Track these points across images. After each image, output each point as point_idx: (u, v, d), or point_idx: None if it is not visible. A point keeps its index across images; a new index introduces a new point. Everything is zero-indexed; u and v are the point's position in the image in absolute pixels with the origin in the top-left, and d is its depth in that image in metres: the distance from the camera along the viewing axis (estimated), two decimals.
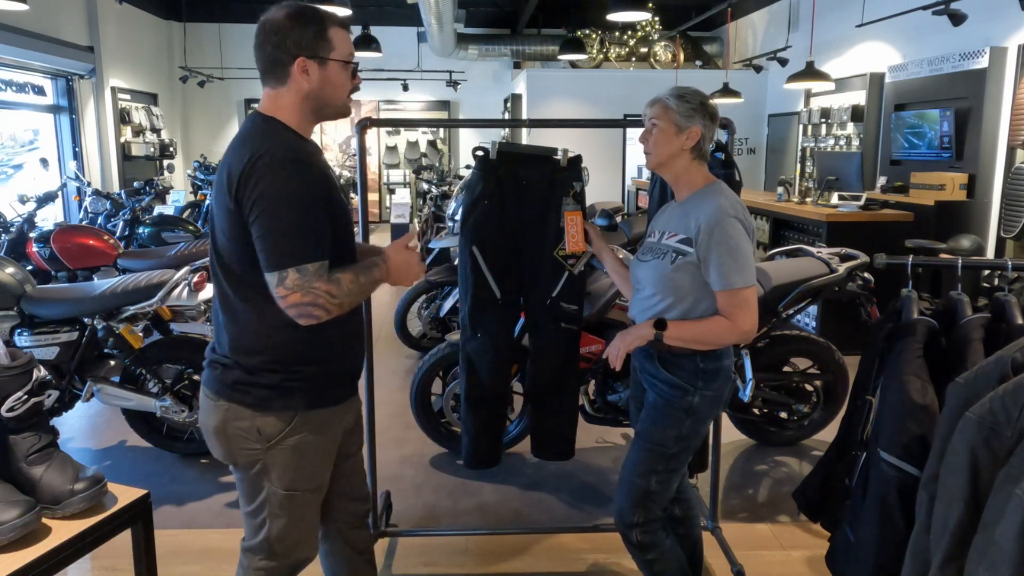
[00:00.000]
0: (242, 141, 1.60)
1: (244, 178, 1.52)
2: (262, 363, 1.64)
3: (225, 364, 1.67)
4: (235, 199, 1.54)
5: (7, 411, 1.60)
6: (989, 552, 1.26)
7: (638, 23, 10.90)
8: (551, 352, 2.71)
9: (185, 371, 3.50)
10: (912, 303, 1.93)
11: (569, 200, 2.46)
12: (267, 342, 1.63)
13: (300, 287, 1.52)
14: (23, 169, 8.43)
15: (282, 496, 1.70)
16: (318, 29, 1.60)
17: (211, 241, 1.66)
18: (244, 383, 1.65)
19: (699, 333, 1.92)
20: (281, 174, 1.52)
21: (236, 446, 1.67)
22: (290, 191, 1.52)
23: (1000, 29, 5.77)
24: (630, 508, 2.05)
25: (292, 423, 1.66)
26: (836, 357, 3.61)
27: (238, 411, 1.65)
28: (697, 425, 2.03)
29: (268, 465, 1.68)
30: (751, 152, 10.18)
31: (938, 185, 5.80)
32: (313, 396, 1.69)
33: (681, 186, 2.02)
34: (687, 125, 1.93)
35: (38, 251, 4.85)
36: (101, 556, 2.64)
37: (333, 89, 1.65)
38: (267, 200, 1.51)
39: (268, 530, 1.73)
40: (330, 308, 1.56)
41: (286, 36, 1.58)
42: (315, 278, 1.53)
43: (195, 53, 11.53)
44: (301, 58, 1.59)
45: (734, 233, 1.87)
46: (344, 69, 1.65)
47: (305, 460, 1.70)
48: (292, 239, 1.52)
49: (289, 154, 1.55)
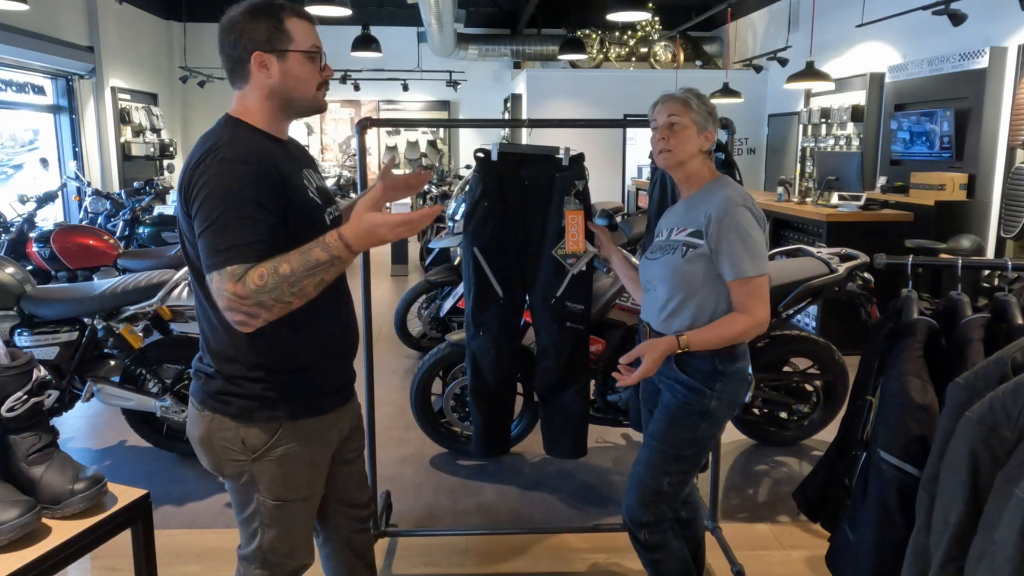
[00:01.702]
0: (200, 142, 1.54)
1: (188, 177, 1.47)
2: (241, 372, 1.57)
3: (208, 373, 1.62)
4: (184, 199, 1.49)
5: (7, 411, 1.60)
6: (989, 552, 1.26)
7: (638, 23, 10.90)
8: (557, 352, 2.71)
9: (185, 371, 3.50)
10: (912, 303, 1.93)
11: (571, 199, 2.45)
12: (242, 349, 1.56)
13: (219, 293, 1.41)
14: (23, 169, 8.43)
15: (272, 506, 1.65)
16: (273, 22, 1.53)
17: (183, 251, 1.60)
18: (226, 393, 1.59)
19: (721, 334, 1.90)
20: (219, 172, 1.44)
21: (222, 457, 1.62)
22: (223, 190, 1.43)
23: (1000, 29, 5.77)
24: (640, 507, 2.04)
25: (277, 434, 1.60)
26: (836, 357, 3.61)
27: (222, 422, 1.60)
28: (712, 427, 2.01)
29: (255, 476, 1.63)
30: (751, 152, 10.18)
31: (938, 185, 5.80)
32: (297, 406, 1.62)
33: (691, 184, 2.02)
34: (706, 126, 1.95)
35: (38, 251, 4.85)
36: (101, 556, 2.64)
37: (296, 83, 1.56)
38: (203, 200, 1.44)
39: (261, 539, 1.69)
40: (258, 305, 1.40)
41: (242, 32, 1.53)
42: (230, 279, 1.40)
43: (195, 53, 11.53)
44: (257, 52, 1.52)
45: (744, 221, 1.86)
46: (309, 60, 1.57)
47: (293, 471, 1.64)
48: (214, 243, 1.42)
49: (231, 153, 1.47)
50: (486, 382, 2.78)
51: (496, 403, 2.85)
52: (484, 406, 2.85)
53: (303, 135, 12.32)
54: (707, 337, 1.90)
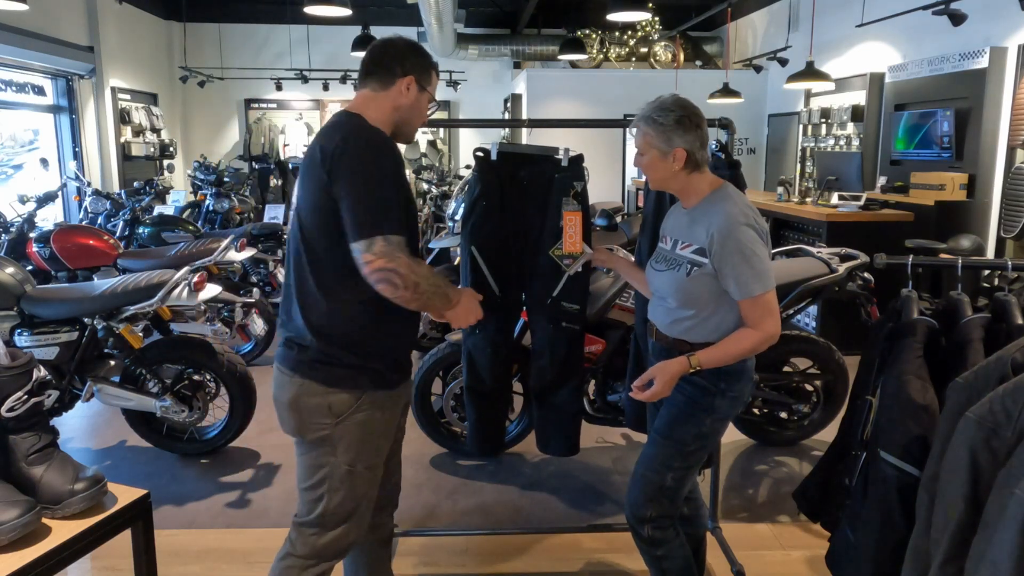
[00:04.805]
0: (334, 127, 1.78)
1: (338, 154, 1.70)
2: (338, 344, 1.79)
3: (302, 344, 1.81)
4: (328, 172, 1.70)
5: (7, 411, 1.60)
6: (989, 552, 1.26)
7: (638, 23, 10.89)
8: (552, 351, 2.71)
9: (185, 371, 3.50)
10: (912, 303, 1.93)
11: (570, 200, 2.45)
12: (342, 324, 1.79)
13: (386, 254, 1.67)
14: (23, 169, 8.43)
15: (344, 471, 1.84)
16: (428, 64, 1.91)
17: (294, 227, 1.80)
18: (319, 362, 1.79)
19: (731, 352, 1.91)
20: (371, 155, 1.72)
21: (307, 420, 1.82)
22: (379, 170, 1.72)
23: (1000, 29, 5.77)
24: (644, 503, 2.05)
25: (360, 400, 1.82)
26: (836, 357, 3.61)
27: (311, 387, 1.80)
28: (717, 424, 2.03)
29: (335, 440, 1.82)
30: (751, 152, 10.17)
31: (938, 185, 5.79)
32: (378, 377, 1.85)
33: (688, 197, 2.01)
34: (669, 148, 1.91)
35: (38, 251, 4.85)
36: (101, 556, 2.64)
37: (416, 114, 1.91)
38: (358, 176, 1.69)
39: (326, 503, 1.85)
40: (406, 282, 1.69)
41: (406, 57, 1.86)
42: (399, 249, 1.69)
43: (195, 53, 11.53)
44: (411, 76, 1.85)
45: (747, 241, 1.86)
46: (428, 104, 1.93)
47: (369, 435, 1.86)
48: (381, 212, 1.69)
49: (378, 140, 1.77)
50: (481, 380, 2.79)
51: (490, 401, 2.86)
52: (479, 403, 2.86)
53: (303, 135, 12.32)
54: (718, 355, 1.91)
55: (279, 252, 5.80)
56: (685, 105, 1.92)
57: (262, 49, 11.86)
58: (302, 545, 1.89)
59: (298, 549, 1.89)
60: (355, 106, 1.85)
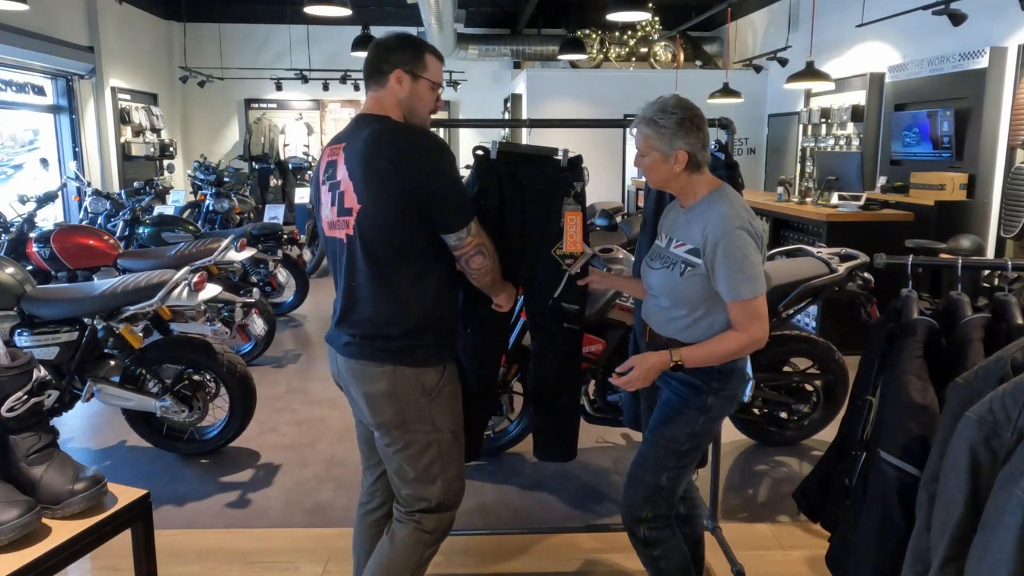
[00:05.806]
0: (388, 132, 1.86)
1: (416, 157, 1.82)
2: (420, 326, 1.93)
3: (386, 335, 1.92)
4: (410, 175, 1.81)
5: (7, 411, 1.60)
6: (989, 552, 1.26)
7: (638, 23, 10.90)
8: (552, 352, 2.70)
9: (185, 371, 3.50)
10: (912, 303, 1.93)
11: (570, 200, 2.46)
12: (421, 308, 1.93)
13: (480, 233, 1.93)
14: (23, 169, 8.43)
15: (450, 440, 2.01)
16: (418, 52, 1.93)
17: (358, 230, 1.87)
18: (409, 346, 1.93)
19: (715, 352, 1.92)
20: (444, 153, 1.88)
21: (406, 403, 1.94)
22: (452, 166, 1.89)
23: (1000, 29, 5.77)
24: (639, 503, 2.06)
25: (443, 375, 1.99)
26: (836, 357, 3.61)
27: (403, 371, 1.93)
28: (710, 423, 2.03)
29: (434, 414, 1.97)
30: (751, 152, 10.18)
31: (938, 185, 5.79)
32: (449, 351, 2.04)
33: (685, 197, 2.02)
34: (671, 151, 1.91)
35: (38, 251, 4.85)
36: (101, 556, 2.64)
37: (418, 102, 1.95)
38: (442, 173, 1.85)
39: (443, 480, 2.01)
40: (489, 260, 1.97)
41: (392, 52, 1.92)
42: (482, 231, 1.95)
43: (195, 53, 11.53)
44: (398, 70, 1.90)
45: (741, 245, 1.86)
46: (431, 90, 1.96)
47: (455, 403, 2.05)
48: (466, 203, 1.92)
49: (439, 139, 1.91)
50: (464, 380, 2.74)
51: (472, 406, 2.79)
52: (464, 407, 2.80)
53: (303, 134, 12.32)
54: (701, 354, 1.92)
55: (279, 252, 5.80)
56: (686, 106, 1.92)
57: (262, 49, 11.86)
58: (433, 525, 2.04)
59: (425, 525, 2.03)
60: (370, 108, 1.93)
